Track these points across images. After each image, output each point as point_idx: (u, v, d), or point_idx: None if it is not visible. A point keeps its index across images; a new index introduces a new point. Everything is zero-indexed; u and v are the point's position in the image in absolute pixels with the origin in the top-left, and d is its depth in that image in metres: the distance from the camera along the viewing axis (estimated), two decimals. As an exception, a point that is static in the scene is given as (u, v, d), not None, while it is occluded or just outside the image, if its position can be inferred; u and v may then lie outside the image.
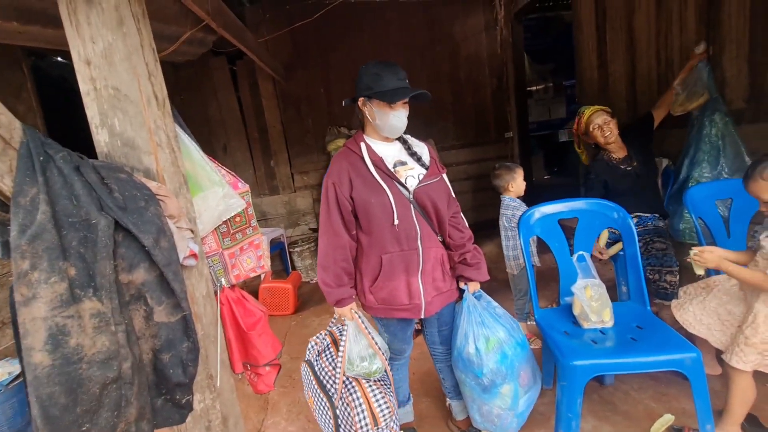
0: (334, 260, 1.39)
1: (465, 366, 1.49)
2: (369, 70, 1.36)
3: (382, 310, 1.47)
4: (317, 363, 1.52)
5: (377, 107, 1.35)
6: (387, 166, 1.38)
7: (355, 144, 1.42)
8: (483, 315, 1.49)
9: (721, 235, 1.87)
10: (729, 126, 2.10)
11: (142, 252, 0.83)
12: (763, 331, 1.35)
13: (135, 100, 0.93)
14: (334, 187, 1.37)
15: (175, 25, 1.97)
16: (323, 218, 1.41)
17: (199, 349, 0.89)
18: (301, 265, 4.15)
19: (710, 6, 2.24)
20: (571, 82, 6.34)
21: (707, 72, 2.22)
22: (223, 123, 4.57)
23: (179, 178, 1.04)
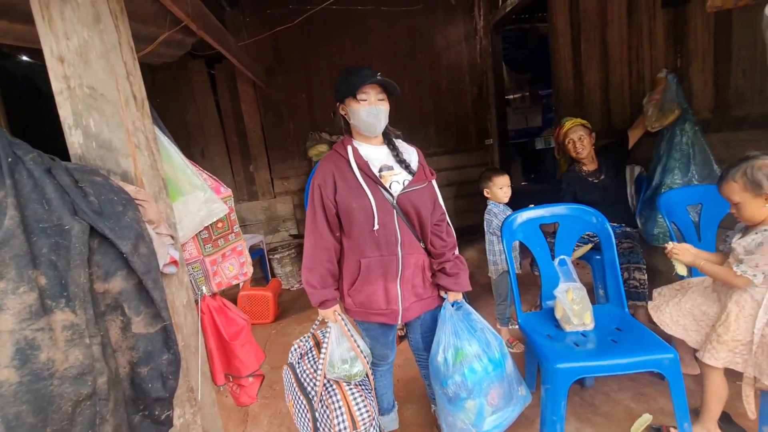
0: (319, 261, 1.39)
1: (434, 373, 1.48)
2: (341, 77, 1.39)
3: (360, 314, 1.47)
4: (299, 365, 1.51)
5: (350, 106, 1.37)
6: (372, 171, 1.38)
7: (342, 147, 1.42)
8: (458, 326, 1.45)
9: (692, 239, 1.94)
10: (698, 135, 2.20)
11: (120, 259, 0.78)
12: (734, 330, 1.40)
13: (112, 100, 0.89)
14: (320, 189, 1.37)
15: (153, 25, 1.91)
16: (309, 219, 1.41)
17: (180, 361, 0.85)
18: (282, 272, 4.08)
19: (677, 22, 2.35)
20: (547, 91, 6.54)
21: (676, 84, 2.33)
22: (201, 127, 4.47)
23: (159, 181, 1.00)
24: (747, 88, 2.04)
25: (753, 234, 1.36)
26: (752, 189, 1.32)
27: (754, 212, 1.34)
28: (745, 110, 2.06)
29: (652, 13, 2.48)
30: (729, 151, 2.10)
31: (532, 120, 7.01)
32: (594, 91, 3.10)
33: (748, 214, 1.36)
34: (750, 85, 2.02)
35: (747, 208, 1.35)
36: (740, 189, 1.34)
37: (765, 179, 1.29)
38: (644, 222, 2.46)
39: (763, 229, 1.34)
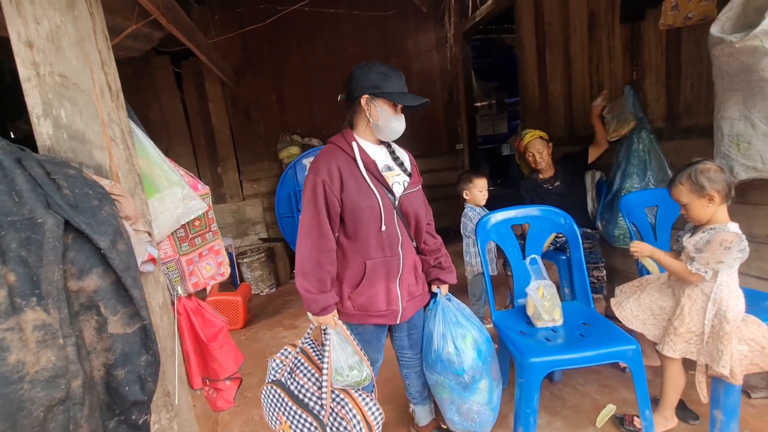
0: (320, 265, 1.30)
1: (444, 367, 1.49)
2: (375, 68, 1.31)
3: (357, 317, 1.41)
4: (291, 381, 1.40)
5: (381, 107, 1.31)
6: (378, 171, 1.33)
7: (345, 142, 1.34)
8: (456, 315, 1.53)
9: (649, 239, 2.08)
10: (653, 142, 2.37)
11: (96, 256, 0.74)
12: (688, 322, 1.51)
13: (86, 90, 0.84)
14: (324, 185, 1.27)
15: (119, 16, 1.83)
16: (307, 219, 1.29)
17: (159, 363, 0.82)
18: (251, 277, 3.97)
19: (633, 37, 2.52)
20: (513, 99, 6.80)
21: (633, 96, 2.50)
22: (166, 126, 4.30)
23: (134, 176, 0.96)
24: (694, 101, 2.22)
25: (701, 233, 1.48)
26: (696, 191, 1.43)
27: (699, 212, 1.46)
28: (693, 120, 2.24)
29: (611, 29, 2.65)
30: (680, 157, 2.27)
31: (499, 127, 7.27)
32: (558, 101, 3.26)
33: (694, 214, 1.48)
34: (697, 98, 2.20)
35: (693, 208, 1.46)
36: (687, 191, 1.46)
37: (707, 182, 1.41)
38: (605, 224, 2.61)
39: (709, 228, 1.45)
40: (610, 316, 1.83)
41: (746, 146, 1.77)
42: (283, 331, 3.09)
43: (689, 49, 2.19)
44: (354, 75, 1.33)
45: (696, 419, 1.68)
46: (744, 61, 1.62)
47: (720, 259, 1.39)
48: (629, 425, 1.68)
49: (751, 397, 1.77)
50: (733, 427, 1.49)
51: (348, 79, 1.35)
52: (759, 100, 1.66)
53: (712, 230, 1.45)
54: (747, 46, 1.56)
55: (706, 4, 1.98)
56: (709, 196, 1.41)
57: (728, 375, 1.40)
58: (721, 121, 1.84)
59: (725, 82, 1.79)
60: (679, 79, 2.29)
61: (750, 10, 1.65)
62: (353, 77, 1.33)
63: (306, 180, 1.31)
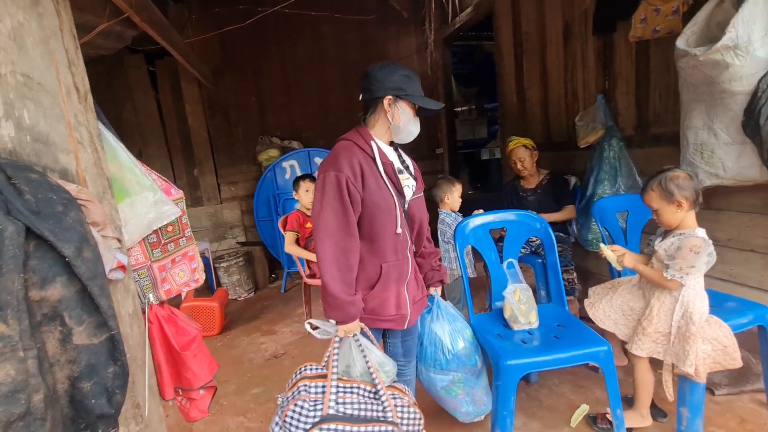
0: (349, 266, 1.24)
1: (461, 363, 1.55)
2: (399, 70, 1.31)
3: (367, 320, 1.36)
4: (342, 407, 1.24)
5: (403, 109, 1.31)
6: (395, 172, 1.33)
7: (363, 141, 1.31)
8: (452, 312, 1.62)
9: (620, 242, 2.15)
10: (623, 150, 2.45)
11: (60, 264, 0.71)
12: (656, 323, 1.57)
13: (52, 91, 0.81)
14: (348, 182, 1.21)
15: (90, 14, 1.77)
16: (331, 217, 1.22)
17: (128, 374, 0.79)
18: (228, 282, 3.89)
19: (606, 48, 2.62)
20: (492, 105, 6.92)
21: (604, 104, 2.59)
22: (139, 127, 4.18)
23: (103, 181, 0.92)
24: (662, 110, 2.32)
25: (671, 238, 1.54)
26: (666, 197, 1.49)
27: (669, 218, 1.52)
28: (662, 129, 2.34)
29: (584, 39, 2.74)
30: (649, 164, 2.37)
31: (479, 132, 7.39)
32: (535, 107, 3.35)
33: (664, 220, 1.54)
34: (665, 107, 2.30)
35: (663, 214, 1.53)
36: (657, 197, 1.52)
37: (675, 188, 1.48)
38: (580, 228, 2.68)
39: (679, 233, 1.52)
40: (584, 317, 1.88)
41: (709, 154, 1.86)
42: (261, 337, 3.04)
43: (657, 60, 2.29)
44: (376, 75, 1.31)
45: (664, 417, 1.74)
46: (707, 74, 1.71)
47: (691, 263, 1.45)
48: (602, 423, 1.73)
49: (715, 394, 1.84)
50: (698, 423, 1.55)
51: (367, 78, 1.33)
52: (720, 111, 1.75)
53: (681, 235, 1.51)
54: (710, 59, 1.64)
55: (672, 18, 2.07)
56: (678, 202, 1.47)
57: (693, 374, 1.46)
58: (687, 130, 1.93)
59: (690, 92, 1.88)
60: (648, 89, 2.38)
61: (712, 25, 1.74)
62: (374, 77, 1.31)
63: (324, 178, 1.24)
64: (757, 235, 1.95)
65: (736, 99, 1.67)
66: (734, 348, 1.48)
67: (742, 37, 1.55)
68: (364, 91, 1.34)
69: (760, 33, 1.55)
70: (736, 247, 2.04)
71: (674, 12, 2.05)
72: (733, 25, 1.55)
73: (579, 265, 2.65)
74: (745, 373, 1.87)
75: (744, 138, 1.70)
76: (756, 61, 1.56)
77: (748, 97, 1.62)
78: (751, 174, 1.76)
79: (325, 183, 1.23)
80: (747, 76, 1.60)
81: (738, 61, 1.58)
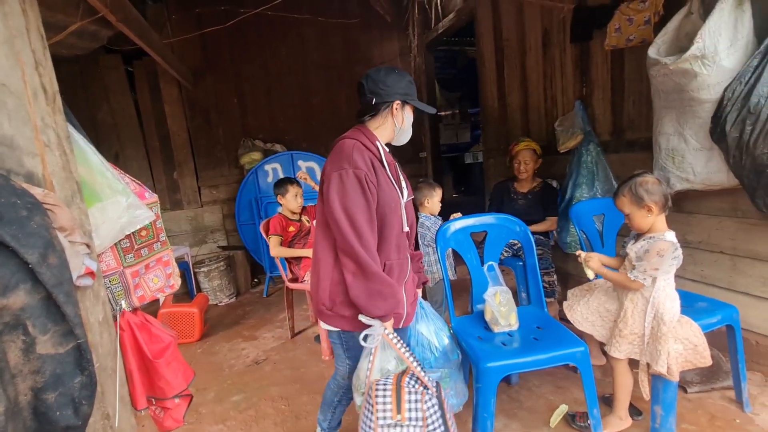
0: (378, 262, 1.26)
1: (447, 359, 1.58)
2: (405, 76, 1.37)
3: None
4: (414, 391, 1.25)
5: (408, 114, 1.39)
6: (397, 171, 1.38)
7: (368, 140, 1.33)
8: (432, 311, 1.64)
9: (597, 245, 2.21)
10: (600, 155, 2.52)
11: (23, 270, 0.69)
12: (631, 324, 1.61)
13: (17, 92, 0.78)
14: (367, 179, 1.22)
15: (61, 13, 1.72)
16: (364, 217, 1.22)
17: (96, 384, 0.76)
18: (209, 287, 3.82)
19: (583, 56, 2.68)
20: (475, 110, 7.01)
21: (582, 110, 2.65)
22: (116, 128, 4.08)
23: (72, 184, 0.89)
24: (636, 116, 2.39)
25: (642, 241, 1.58)
26: (636, 202, 1.54)
27: (640, 221, 1.56)
28: (636, 134, 2.41)
29: (562, 47, 2.81)
30: (625, 168, 2.43)
31: (462, 136, 7.47)
32: (516, 112, 3.41)
33: (636, 223, 1.58)
34: (639, 114, 2.37)
35: (635, 218, 1.57)
36: (628, 202, 1.56)
37: (645, 193, 1.52)
38: (559, 232, 2.74)
39: (649, 237, 1.56)
40: (564, 319, 1.91)
41: (680, 160, 1.92)
42: (242, 343, 2.99)
43: (631, 68, 2.36)
44: (385, 80, 1.34)
45: (639, 415, 1.78)
46: (677, 82, 1.77)
47: (655, 266, 1.49)
48: (580, 421, 1.76)
49: (687, 392, 1.90)
50: (671, 421, 1.59)
51: (372, 82, 1.36)
52: (690, 118, 1.82)
53: (651, 239, 1.55)
54: (679, 68, 1.70)
55: (644, 28, 2.14)
56: (648, 206, 1.52)
57: (666, 373, 1.50)
58: (659, 136, 1.99)
59: (661, 100, 1.94)
60: (623, 96, 2.45)
61: (682, 35, 1.81)
62: (382, 81, 1.34)
63: (341, 176, 1.22)
64: (726, 237, 2.02)
65: (704, 107, 1.73)
66: (704, 347, 1.53)
67: (709, 48, 1.61)
68: (371, 94, 1.35)
69: (725, 44, 1.61)
70: (707, 249, 2.11)
71: (646, 22, 2.12)
72: (701, 36, 1.61)
73: (558, 267, 2.69)
74: (716, 371, 1.93)
75: (712, 144, 1.77)
76: (722, 70, 1.63)
77: (715, 105, 1.69)
78: (718, 179, 1.83)
79: (345, 181, 1.21)
80: (714, 84, 1.66)
81: (705, 70, 1.64)
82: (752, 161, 1.62)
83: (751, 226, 1.90)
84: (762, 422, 1.70)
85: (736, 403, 1.81)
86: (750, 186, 1.67)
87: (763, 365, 1.97)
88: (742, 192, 1.73)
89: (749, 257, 1.94)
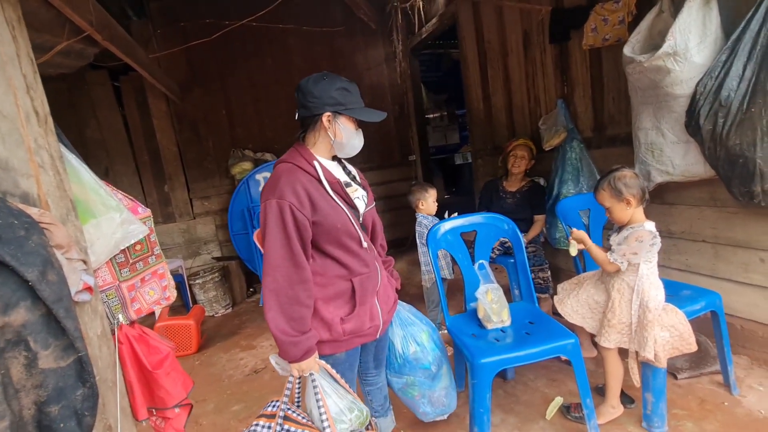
0: (297, 300, 1.14)
1: (413, 367, 1.56)
2: (335, 84, 1.23)
3: (346, 342, 1.30)
4: None
5: (344, 125, 1.25)
6: (344, 189, 1.27)
7: (304, 161, 1.24)
8: (408, 315, 1.61)
9: (585, 240, 2.26)
10: (584, 151, 2.58)
11: (23, 288, 0.71)
12: (619, 314, 1.66)
13: (10, 116, 0.81)
14: (292, 209, 1.13)
15: (48, 34, 1.74)
16: (276, 247, 1.14)
17: (97, 395, 0.78)
18: (204, 298, 3.82)
19: (562, 56, 2.75)
20: (462, 111, 7.09)
21: (564, 109, 2.72)
22: (104, 144, 4.07)
23: (66, 203, 0.92)
24: (616, 112, 2.46)
25: (623, 231, 1.64)
26: (616, 195, 1.60)
27: (620, 214, 1.62)
28: (616, 130, 2.47)
29: (542, 48, 2.88)
30: (608, 163, 2.49)
31: (451, 137, 7.54)
32: (500, 112, 3.47)
33: (616, 216, 1.64)
34: (618, 110, 2.44)
35: (615, 211, 1.63)
36: (608, 196, 1.62)
37: (624, 187, 1.58)
38: (548, 228, 2.79)
39: (630, 227, 1.62)
40: (557, 314, 1.96)
41: (659, 153, 1.99)
42: (240, 353, 2.99)
43: (609, 66, 2.43)
44: (312, 90, 1.22)
45: (632, 403, 1.83)
46: (652, 78, 1.84)
47: (634, 251, 1.56)
48: (575, 412, 1.80)
49: (678, 378, 1.95)
50: (662, 406, 1.64)
51: (302, 94, 1.25)
52: (666, 113, 1.88)
53: (631, 229, 1.61)
54: (653, 65, 1.77)
55: (619, 27, 2.22)
56: (626, 200, 1.57)
57: (653, 359, 1.55)
58: (638, 131, 2.06)
59: (638, 96, 2.01)
60: (603, 93, 2.52)
61: (654, 33, 1.87)
62: (310, 93, 1.23)
63: (267, 206, 1.16)
64: (707, 226, 2.09)
65: (679, 101, 1.80)
66: (689, 333, 1.59)
67: (680, 45, 1.68)
68: (300, 108, 1.27)
69: (695, 41, 1.68)
70: (689, 239, 2.18)
71: (620, 21, 2.20)
72: (672, 34, 1.68)
73: (549, 263, 2.75)
74: (704, 356, 1.99)
75: (688, 137, 1.84)
76: (693, 66, 1.69)
77: (689, 99, 1.76)
78: (696, 170, 1.90)
79: (268, 212, 1.15)
80: (686, 80, 1.73)
81: (678, 66, 1.71)
82: (726, 152, 1.69)
83: (731, 215, 1.97)
84: (748, 404, 1.75)
85: (724, 386, 1.87)
86: (725, 176, 1.74)
87: (748, 348, 2.03)
88: (719, 182, 1.80)
89: (730, 245, 2.00)
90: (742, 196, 1.71)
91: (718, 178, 1.79)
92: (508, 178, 2.82)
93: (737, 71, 1.61)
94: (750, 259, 1.93)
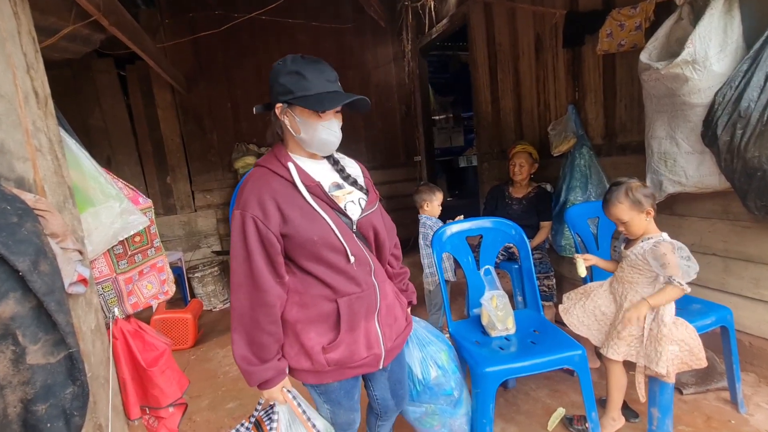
0: (257, 325, 1.01)
1: (434, 394, 1.39)
2: (287, 67, 1.03)
3: (332, 374, 1.12)
4: None
5: (301, 117, 1.04)
6: (325, 193, 1.07)
7: (277, 163, 1.07)
8: (425, 334, 1.46)
9: (592, 248, 2.22)
10: (593, 158, 2.54)
11: (12, 279, 0.67)
12: (630, 326, 1.62)
13: (8, 96, 0.77)
14: (255, 222, 0.99)
15: (54, 16, 1.70)
16: (238, 265, 1.01)
17: (88, 394, 0.74)
18: (203, 292, 3.78)
19: (575, 61, 2.71)
20: (468, 114, 7.06)
21: (575, 115, 2.68)
22: (108, 133, 4.04)
23: (64, 190, 0.88)
24: (628, 120, 2.42)
25: (641, 243, 1.58)
26: (636, 207, 1.55)
27: (639, 226, 1.57)
28: (628, 138, 2.43)
29: (555, 52, 2.84)
30: (617, 172, 2.46)
31: (456, 140, 7.51)
32: (509, 116, 3.43)
33: (635, 229, 1.58)
34: (630, 118, 2.40)
35: (634, 224, 1.57)
36: (627, 209, 1.56)
37: (643, 198, 1.53)
38: (554, 235, 2.75)
39: (647, 238, 1.57)
40: (560, 322, 1.92)
41: (672, 163, 1.95)
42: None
43: (623, 72, 2.39)
44: (273, 79, 1.06)
45: (636, 417, 1.79)
46: (668, 86, 1.79)
47: (678, 264, 1.50)
48: (578, 424, 1.76)
49: (683, 394, 1.91)
50: (668, 423, 1.60)
51: (270, 85, 1.10)
52: (681, 122, 1.84)
53: (651, 239, 1.55)
54: (670, 73, 1.72)
55: (635, 33, 2.17)
56: (647, 210, 1.53)
57: (665, 374, 1.50)
58: (651, 139, 2.01)
59: (653, 104, 1.97)
60: (615, 100, 2.48)
61: (672, 41, 1.83)
62: (272, 82, 1.07)
63: (233, 217, 1.03)
64: (718, 240, 2.04)
65: (696, 111, 1.76)
66: (699, 348, 1.54)
67: (700, 53, 1.63)
68: None
69: (715, 49, 1.64)
70: (699, 252, 2.13)
71: (637, 27, 2.15)
72: (691, 41, 1.64)
73: (554, 271, 2.70)
74: (710, 372, 1.95)
75: (704, 147, 1.79)
76: (712, 75, 1.65)
77: (707, 109, 1.71)
78: (710, 182, 1.85)
79: (233, 225, 1.02)
80: (705, 89, 1.69)
81: (696, 75, 1.67)
82: (743, 164, 1.64)
83: (743, 229, 1.93)
84: (756, 423, 1.71)
85: (731, 404, 1.82)
86: (741, 189, 1.69)
87: (756, 366, 1.99)
88: (734, 195, 1.76)
89: (741, 259, 1.96)
90: (758, 210, 1.66)
91: (733, 191, 1.75)
92: (513, 185, 2.78)
93: (758, 82, 1.57)
94: (762, 275, 1.89)
